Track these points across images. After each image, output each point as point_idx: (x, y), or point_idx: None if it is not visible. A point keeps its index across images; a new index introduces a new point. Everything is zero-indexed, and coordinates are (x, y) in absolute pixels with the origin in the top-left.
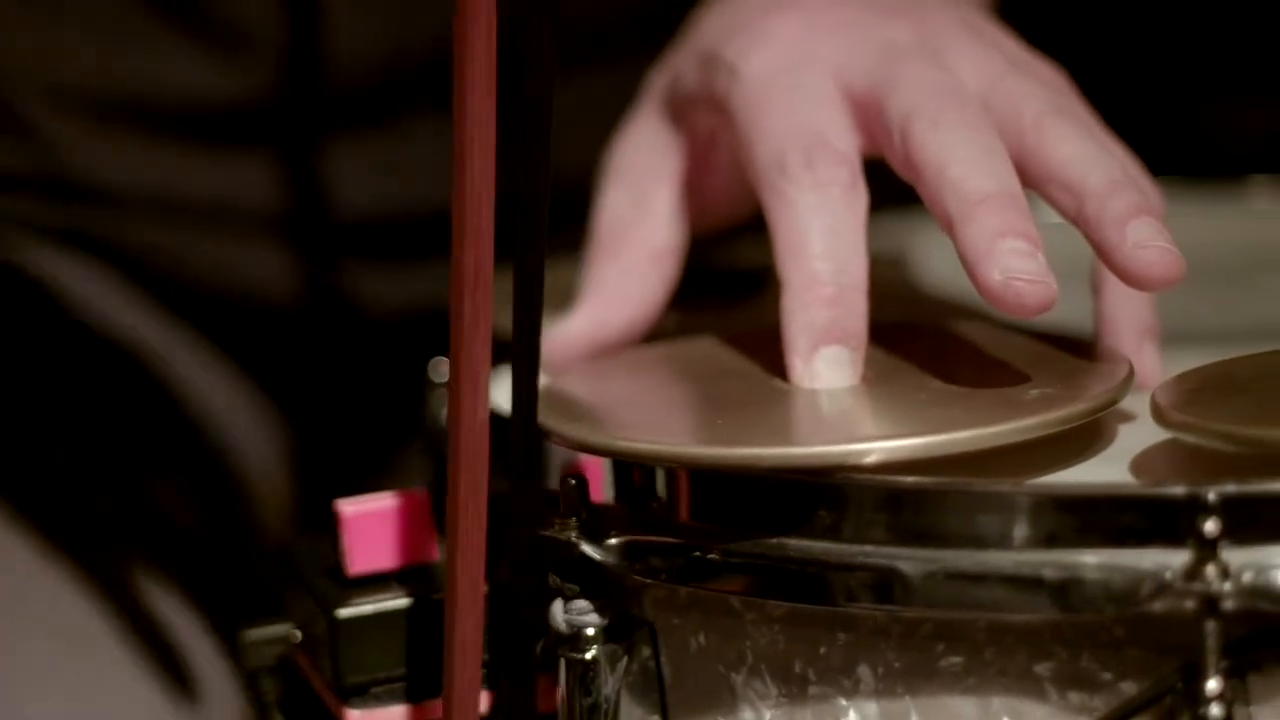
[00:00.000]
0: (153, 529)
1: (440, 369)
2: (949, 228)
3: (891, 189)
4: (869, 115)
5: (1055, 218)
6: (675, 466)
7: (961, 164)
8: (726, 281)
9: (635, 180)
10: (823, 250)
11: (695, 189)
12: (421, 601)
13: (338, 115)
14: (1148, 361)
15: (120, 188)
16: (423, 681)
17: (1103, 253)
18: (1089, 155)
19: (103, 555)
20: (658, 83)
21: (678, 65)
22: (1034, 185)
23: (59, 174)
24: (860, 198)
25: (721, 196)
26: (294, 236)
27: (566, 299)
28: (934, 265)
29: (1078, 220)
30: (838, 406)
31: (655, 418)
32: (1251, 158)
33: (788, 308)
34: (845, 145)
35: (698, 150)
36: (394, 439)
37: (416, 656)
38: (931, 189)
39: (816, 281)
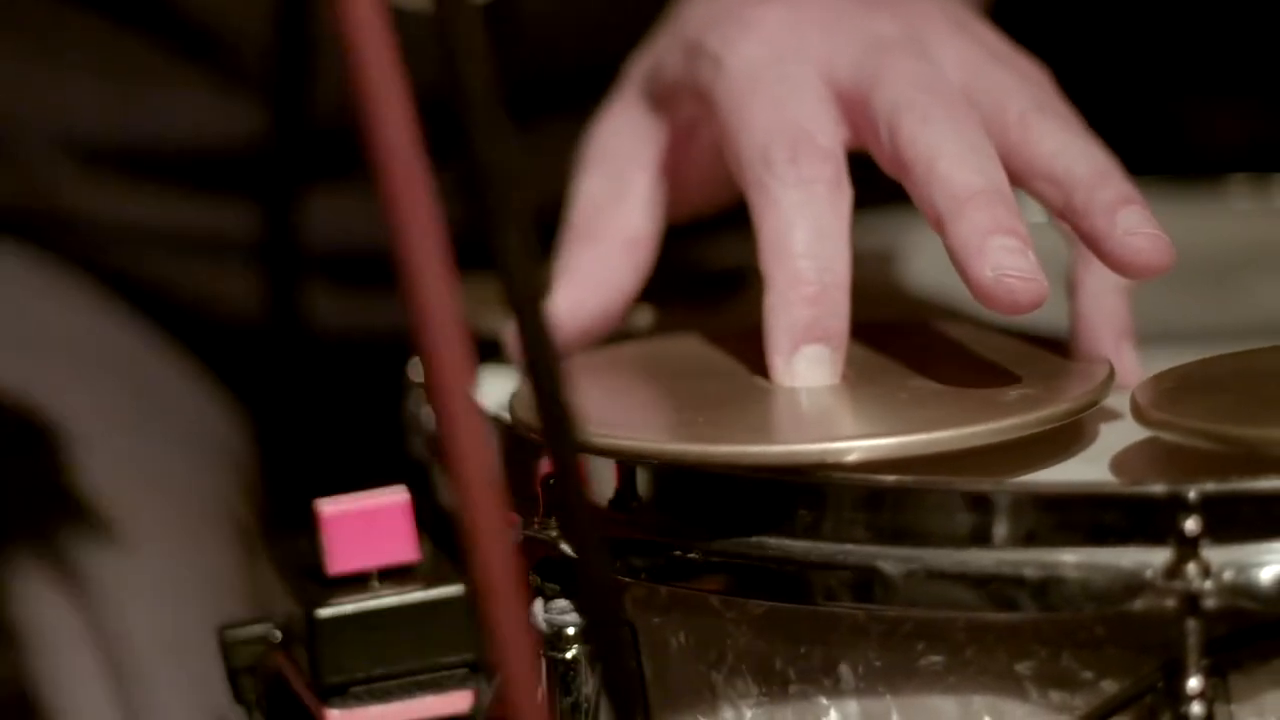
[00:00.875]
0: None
1: (419, 368)
2: (938, 224)
3: (874, 185)
4: (855, 109)
5: (1035, 217)
6: (655, 464)
7: (950, 160)
8: (708, 280)
9: (612, 166)
10: (806, 248)
11: (672, 177)
12: (401, 601)
13: (324, 154)
14: (1126, 362)
15: (108, 221)
16: (403, 681)
17: (1092, 241)
18: (1074, 148)
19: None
20: (637, 69)
21: (659, 53)
22: (1019, 181)
23: (50, 207)
24: (844, 195)
25: (698, 186)
26: (277, 263)
27: None
28: (915, 264)
29: (1065, 212)
30: (818, 405)
31: (635, 415)
32: (1231, 157)
33: (770, 306)
34: (830, 141)
35: (677, 138)
36: (373, 438)
37: (396, 656)
38: (920, 185)
39: (799, 280)
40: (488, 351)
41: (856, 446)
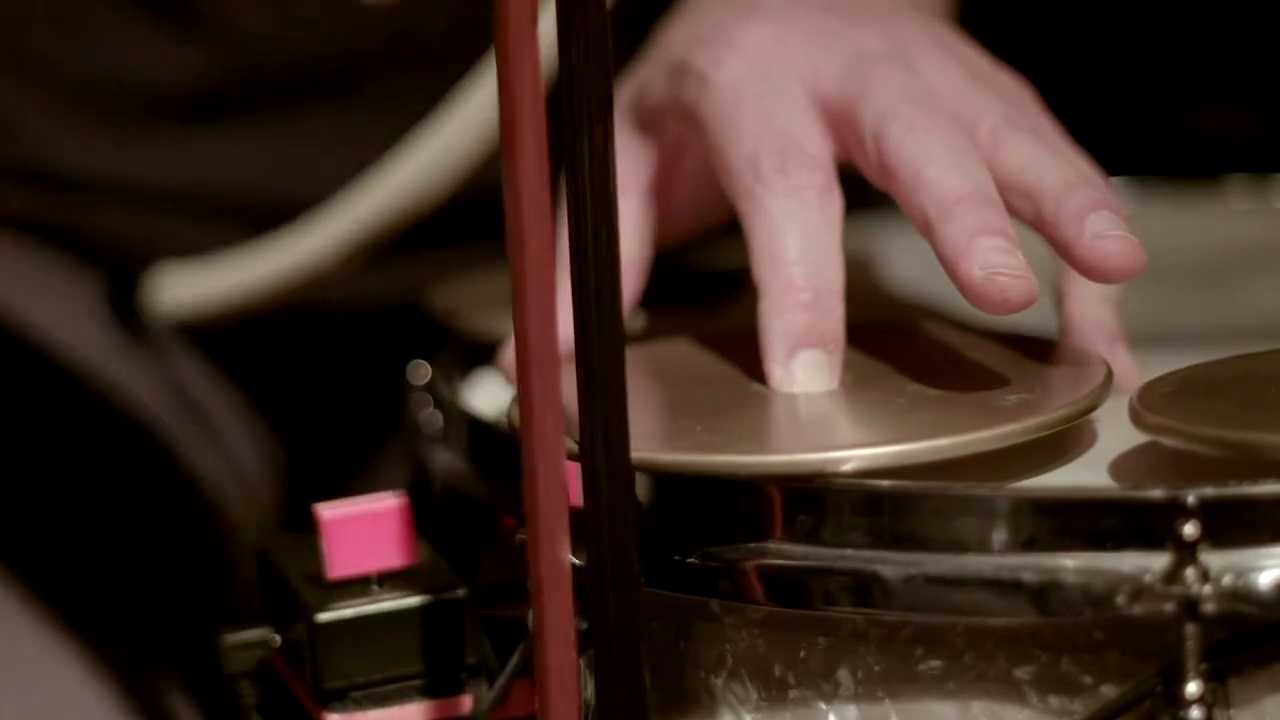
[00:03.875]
0: (126, 537)
1: (419, 372)
2: (926, 228)
3: (861, 192)
4: (840, 121)
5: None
6: (652, 473)
7: (937, 165)
8: (703, 283)
9: None
10: (798, 255)
11: (660, 200)
12: (401, 605)
13: (306, 98)
14: (1121, 365)
15: (84, 173)
16: (403, 686)
17: (1062, 248)
18: (1043, 160)
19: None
20: (622, 95)
21: (644, 77)
22: None
23: (23, 160)
24: (835, 202)
25: (686, 208)
26: (259, 221)
27: None
28: (908, 268)
29: (1037, 224)
30: (816, 411)
31: (632, 423)
32: (1228, 156)
33: (764, 313)
34: (818, 150)
35: (664, 161)
36: (374, 442)
37: (397, 661)
38: (907, 191)
39: (793, 286)
40: (486, 354)
41: (855, 455)
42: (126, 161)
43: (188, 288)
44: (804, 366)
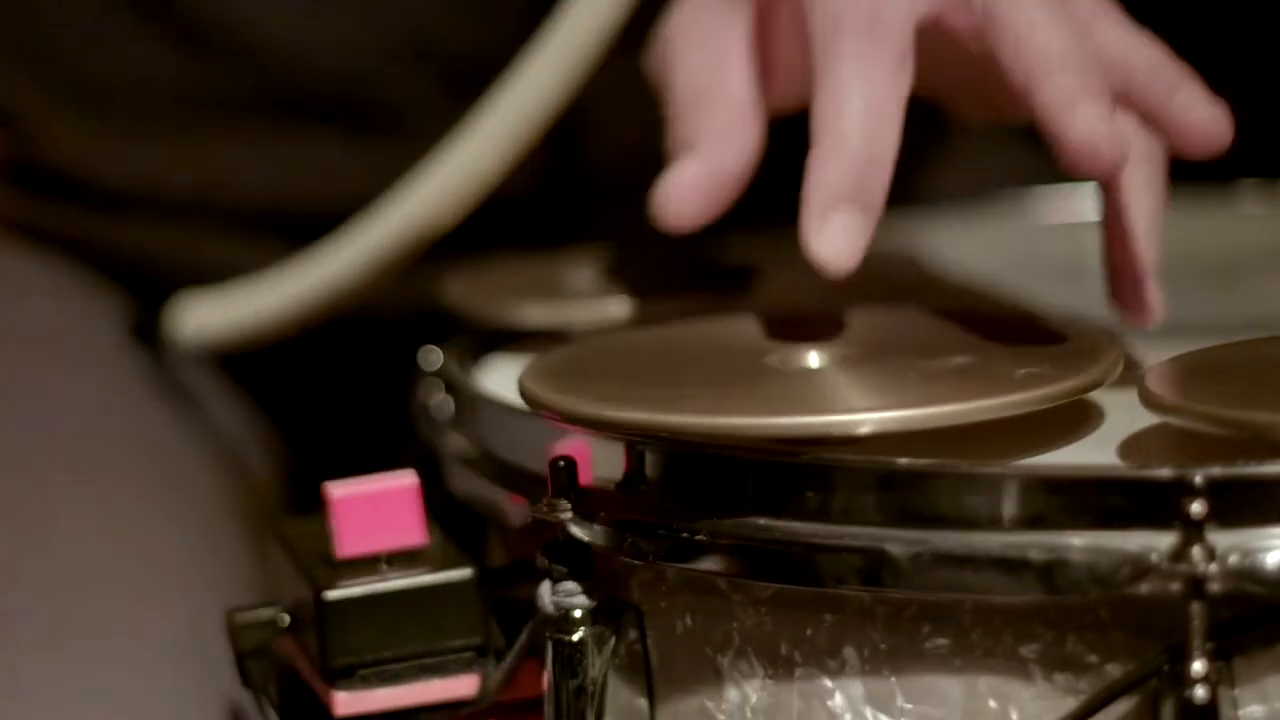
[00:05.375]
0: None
1: (430, 357)
2: (1026, 87)
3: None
4: None
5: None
6: (661, 435)
7: (1043, 29)
8: (718, 273)
9: (708, 41)
10: (858, 118)
11: (761, 50)
12: (409, 585)
13: (332, 110)
14: (1150, 298)
15: (99, 180)
16: (410, 664)
17: (1153, 118)
18: (1134, 40)
19: None
20: None
21: None
22: None
23: (38, 165)
24: (905, 76)
25: (779, 72)
26: (277, 231)
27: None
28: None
29: (1127, 95)
30: (827, 381)
31: (641, 391)
32: (1239, 161)
33: (811, 165)
34: (902, 21)
35: (759, 12)
36: (384, 427)
37: (404, 639)
38: (1011, 49)
39: (845, 144)
40: (497, 340)
41: (865, 419)
42: (147, 170)
43: (211, 316)
44: (838, 228)
